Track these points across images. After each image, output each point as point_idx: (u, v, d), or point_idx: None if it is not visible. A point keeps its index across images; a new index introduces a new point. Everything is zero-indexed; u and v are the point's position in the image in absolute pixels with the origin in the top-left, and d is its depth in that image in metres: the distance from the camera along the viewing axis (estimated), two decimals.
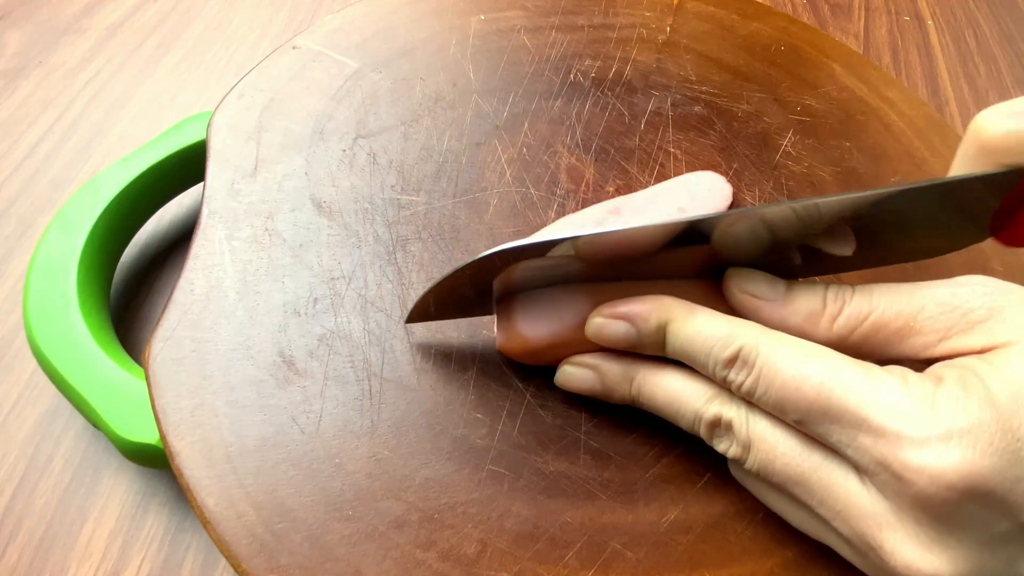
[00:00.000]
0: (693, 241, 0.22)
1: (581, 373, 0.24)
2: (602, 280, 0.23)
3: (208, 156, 0.30)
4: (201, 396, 0.24)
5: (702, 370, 0.21)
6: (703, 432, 0.22)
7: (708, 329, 0.21)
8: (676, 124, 0.34)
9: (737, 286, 0.22)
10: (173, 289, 0.26)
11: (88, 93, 0.43)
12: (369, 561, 0.21)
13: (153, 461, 0.26)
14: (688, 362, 0.22)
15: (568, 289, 0.23)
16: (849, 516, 0.19)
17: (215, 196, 0.29)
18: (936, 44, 0.54)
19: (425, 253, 0.28)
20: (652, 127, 0.34)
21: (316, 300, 0.26)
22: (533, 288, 0.24)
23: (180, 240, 0.37)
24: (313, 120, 0.32)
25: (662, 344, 0.22)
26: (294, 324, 0.25)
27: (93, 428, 0.30)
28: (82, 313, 0.28)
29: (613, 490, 0.23)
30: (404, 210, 0.29)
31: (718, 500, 0.23)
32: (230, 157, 0.30)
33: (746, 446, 0.20)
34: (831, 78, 0.38)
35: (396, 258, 0.28)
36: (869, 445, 0.18)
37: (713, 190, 0.31)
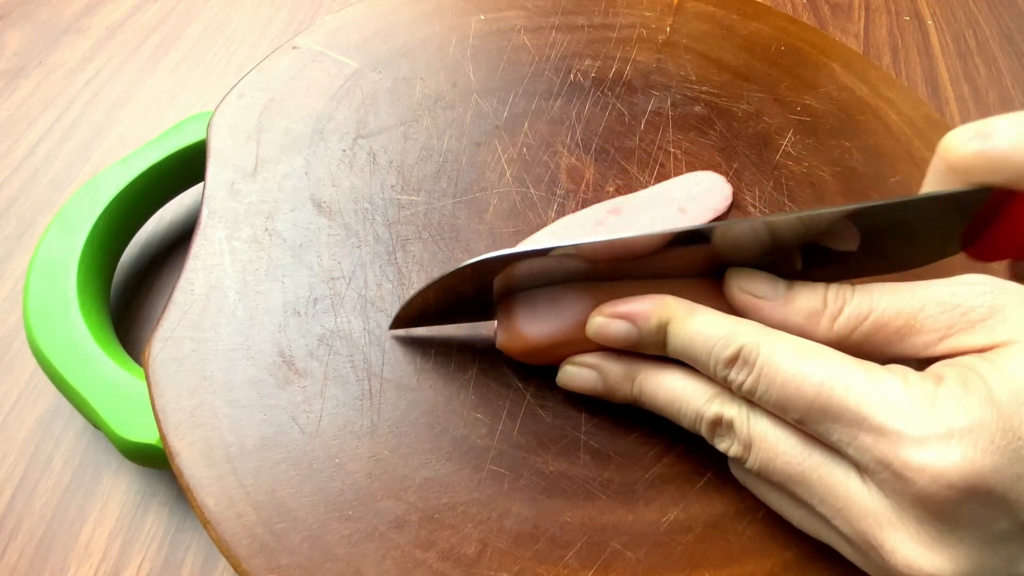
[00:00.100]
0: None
1: (583, 373, 0.24)
2: (603, 279, 0.23)
3: (208, 156, 0.30)
4: (201, 396, 0.24)
5: (703, 369, 0.21)
6: (704, 431, 0.22)
7: (708, 328, 0.21)
8: (676, 124, 0.34)
9: (738, 285, 0.22)
10: (173, 289, 0.26)
11: (88, 93, 0.43)
12: (369, 561, 0.21)
13: (153, 461, 0.26)
14: (689, 361, 0.22)
15: (569, 288, 0.23)
16: (850, 515, 0.19)
17: (215, 196, 0.29)
18: (936, 44, 0.54)
19: (425, 253, 0.28)
20: (652, 127, 0.34)
21: (316, 300, 0.26)
22: (534, 287, 0.24)
23: (180, 240, 0.37)
24: (313, 120, 0.32)
25: (663, 343, 0.22)
26: (294, 324, 0.25)
27: (93, 428, 0.30)
28: (82, 313, 0.28)
29: (613, 490, 0.23)
30: (404, 210, 0.29)
31: (718, 500, 0.23)
32: (230, 157, 0.30)
33: (747, 445, 0.20)
34: (831, 78, 0.38)
35: (396, 258, 0.28)
36: (870, 444, 0.18)
37: (713, 190, 0.31)
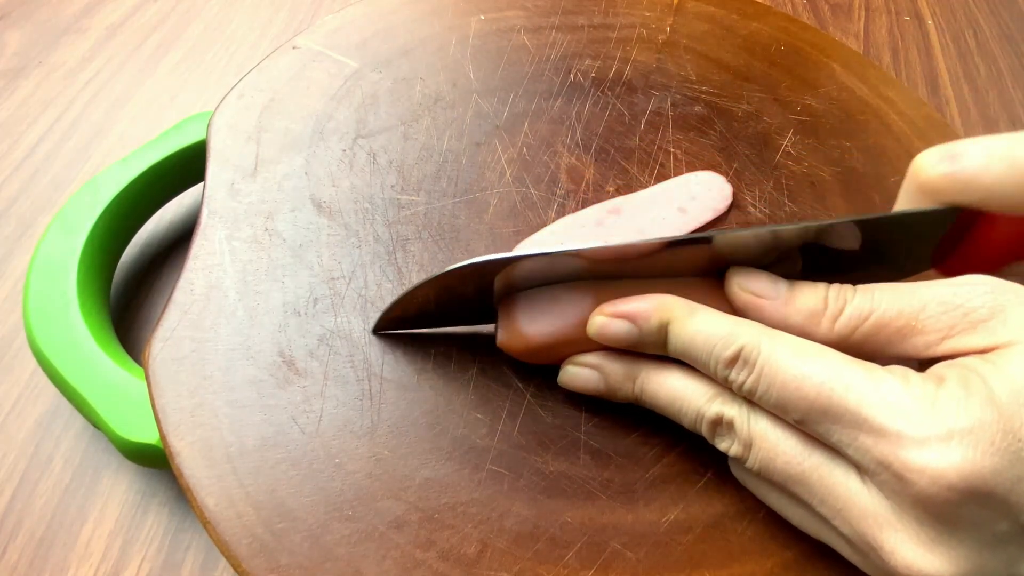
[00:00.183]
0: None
1: (584, 373, 0.24)
2: (604, 278, 0.23)
3: (208, 156, 0.30)
4: (201, 396, 0.23)
5: (703, 369, 0.21)
6: (705, 431, 0.22)
7: (709, 328, 0.21)
8: (676, 124, 0.34)
9: (738, 284, 0.22)
10: (173, 289, 0.26)
11: (88, 93, 0.43)
12: (369, 561, 0.21)
13: (153, 461, 0.26)
14: (689, 361, 0.22)
15: (570, 287, 0.23)
16: (849, 515, 0.19)
17: (215, 196, 0.29)
18: (936, 44, 0.54)
19: (425, 253, 0.28)
20: (652, 127, 0.34)
21: (316, 300, 0.26)
22: (535, 286, 0.24)
23: (180, 240, 0.37)
24: (313, 120, 0.32)
25: (663, 343, 0.22)
26: (294, 324, 0.25)
27: (93, 428, 0.30)
28: (82, 313, 0.28)
29: (613, 490, 0.23)
30: (404, 210, 0.29)
31: (718, 500, 0.23)
32: (230, 157, 0.30)
33: (747, 445, 0.20)
34: (831, 78, 0.38)
35: (396, 258, 0.28)
36: (870, 445, 0.18)
37: (713, 190, 0.31)
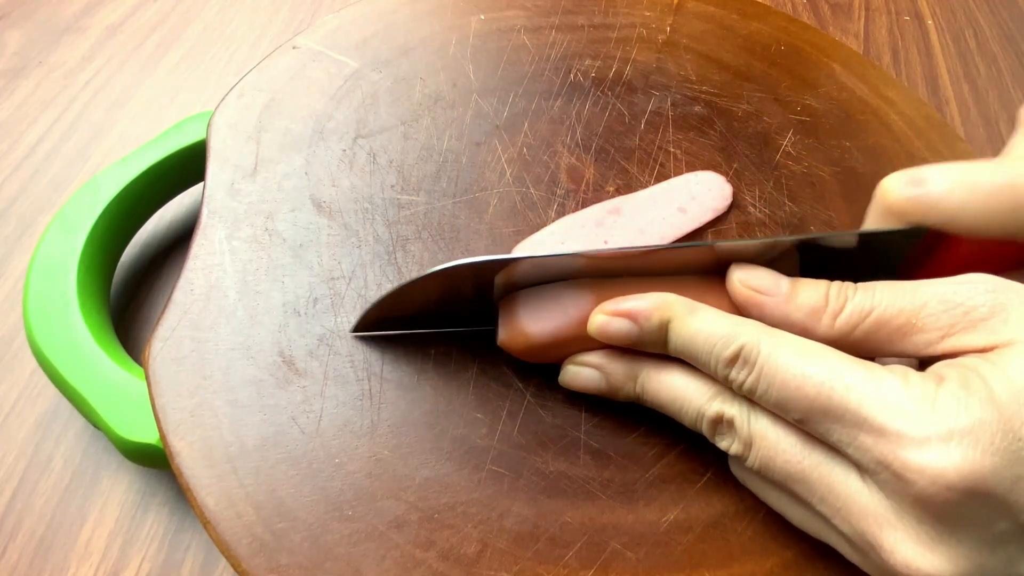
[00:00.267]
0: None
1: (585, 372, 0.24)
2: (606, 276, 0.23)
3: (208, 156, 0.30)
4: (201, 396, 0.23)
5: (704, 368, 0.21)
6: (705, 429, 0.22)
7: (710, 327, 0.21)
8: (676, 124, 0.34)
9: (740, 281, 0.22)
10: (173, 289, 0.26)
11: (88, 93, 0.43)
12: (369, 561, 0.21)
13: (153, 461, 0.26)
14: (690, 360, 0.22)
15: (571, 285, 0.23)
16: (849, 514, 0.19)
17: (215, 196, 0.29)
18: (936, 44, 0.54)
19: (425, 253, 0.28)
20: (652, 127, 0.34)
21: (316, 300, 0.26)
22: (536, 284, 0.24)
23: (180, 240, 0.37)
24: (313, 120, 0.32)
25: (664, 342, 0.22)
26: (294, 324, 0.25)
27: (93, 428, 0.30)
28: (82, 313, 0.28)
29: (613, 490, 0.23)
30: (404, 210, 0.29)
31: (718, 500, 0.23)
32: (230, 157, 0.30)
33: (747, 443, 0.20)
34: (831, 78, 0.38)
35: (396, 258, 0.28)
36: (870, 444, 0.18)
37: (713, 190, 0.31)
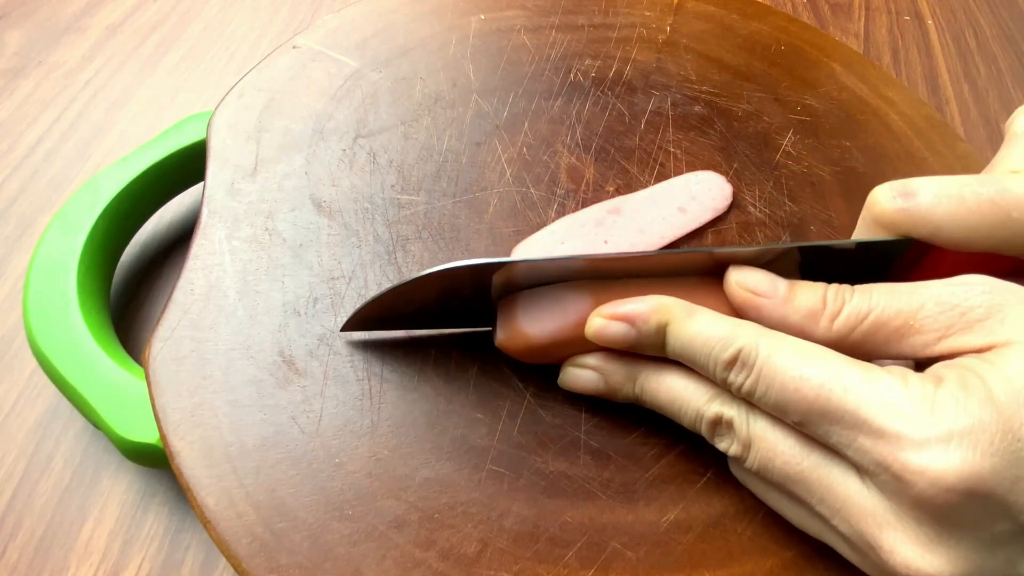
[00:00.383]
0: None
1: (585, 374, 0.24)
2: (605, 277, 0.23)
3: (208, 156, 0.30)
4: (201, 396, 0.24)
5: (702, 371, 0.21)
6: (704, 431, 0.22)
7: (708, 330, 0.21)
8: (676, 124, 0.34)
9: (738, 282, 0.22)
10: (173, 289, 0.26)
11: (88, 93, 0.43)
12: (369, 561, 0.21)
13: (153, 461, 0.26)
14: (688, 363, 0.22)
15: (570, 287, 0.23)
16: (849, 515, 0.19)
17: (215, 196, 0.29)
18: (936, 44, 0.54)
19: (425, 253, 0.28)
20: (652, 127, 0.34)
21: (316, 300, 0.26)
22: (535, 285, 0.24)
23: (180, 240, 0.37)
24: (313, 120, 0.32)
25: (662, 345, 0.22)
26: (294, 324, 0.25)
27: (93, 428, 0.30)
28: (82, 313, 0.28)
29: (613, 490, 0.23)
30: (404, 210, 0.29)
31: (718, 500, 0.23)
32: (230, 157, 0.30)
33: (746, 445, 0.20)
34: (831, 78, 0.38)
35: (396, 258, 0.28)
36: (869, 446, 0.18)
37: (713, 190, 0.31)
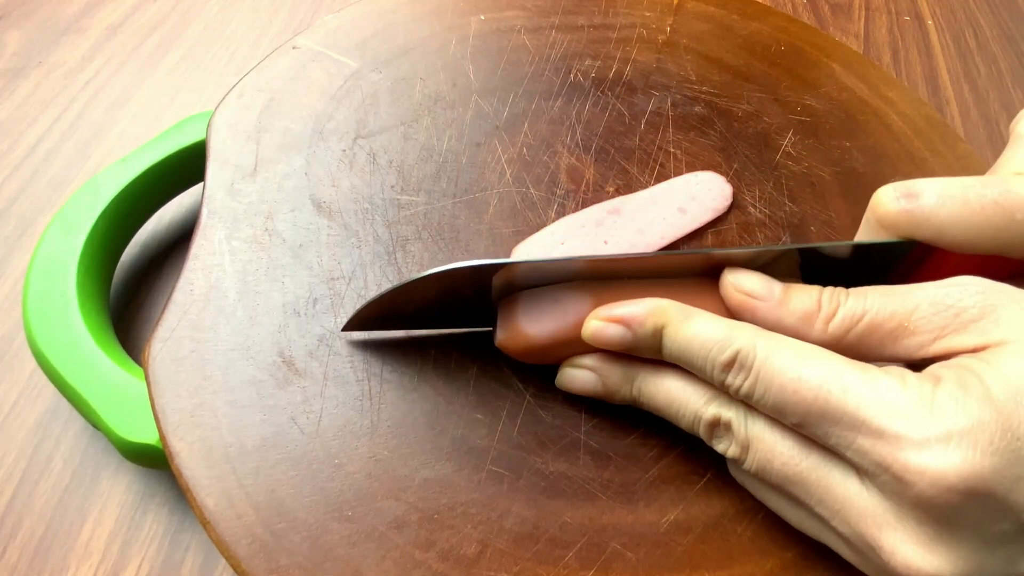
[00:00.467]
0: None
1: (582, 375, 0.24)
2: (605, 278, 0.23)
3: (208, 156, 0.30)
4: (201, 396, 0.24)
5: (700, 374, 0.21)
6: (702, 433, 0.22)
7: (705, 332, 0.21)
8: (676, 124, 0.34)
9: (733, 285, 0.22)
10: (173, 289, 0.26)
11: (88, 93, 0.43)
12: (369, 561, 0.21)
13: (153, 461, 0.26)
14: (686, 366, 0.22)
15: (569, 287, 0.23)
16: (848, 516, 0.19)
17: (215, 196, 0.29)
18: (936, 44, 0.54)
19: (425, 253, 0.28)
20: (652, 127, 0.34)
21: (316, 300, 0.26)
22: (535, 286, 0.24)
23: (180, 240, 0.37)
24: (313, 120, 0.32)
25: (659, 348, 0.22)
26: (294, 324, 0.25)
27: (93, 428, 0.30)
28: (82, 313, 0.28)
29: (613, 490, 0.23)
30: (404, 210, 0.29)
31: (718, 501, 0.23)
32: (230, 157, 0.30)
33: (745, 446, 0.20)
34: (831, 78, 0.38)
35: (396, 258, 0.28)
36: (869, 447, 0.18)
37: (713, 190, 0.31)
